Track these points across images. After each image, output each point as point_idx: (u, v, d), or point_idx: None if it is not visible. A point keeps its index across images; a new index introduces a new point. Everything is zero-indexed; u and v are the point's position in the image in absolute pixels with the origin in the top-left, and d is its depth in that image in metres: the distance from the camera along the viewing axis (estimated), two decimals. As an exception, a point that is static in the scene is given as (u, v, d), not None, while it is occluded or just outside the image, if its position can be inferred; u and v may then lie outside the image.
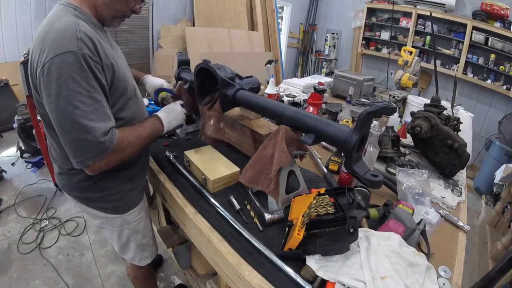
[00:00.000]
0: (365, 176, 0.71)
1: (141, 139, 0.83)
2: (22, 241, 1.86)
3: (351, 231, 0.69)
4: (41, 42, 0.66)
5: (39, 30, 0.70)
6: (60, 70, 0.64)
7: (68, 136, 0.69)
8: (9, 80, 3.08)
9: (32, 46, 0.71)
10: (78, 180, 0.86)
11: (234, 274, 0.73)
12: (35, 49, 0.68)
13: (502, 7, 3.52)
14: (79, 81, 0.65)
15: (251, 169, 0.92)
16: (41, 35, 0.67)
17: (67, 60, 0.64)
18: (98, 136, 0.68)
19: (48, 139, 0.87)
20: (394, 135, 1.32)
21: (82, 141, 0.68)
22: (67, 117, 0.66)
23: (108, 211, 0.94)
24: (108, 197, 0.90)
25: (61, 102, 0.65)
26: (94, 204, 0.92)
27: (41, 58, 0.65)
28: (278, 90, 2.09)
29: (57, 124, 0.69)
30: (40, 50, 0.66)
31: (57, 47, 0.64)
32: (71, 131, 0.67)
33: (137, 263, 1.10)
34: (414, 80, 1.99)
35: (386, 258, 0.66)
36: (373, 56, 5.06)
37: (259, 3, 4.40)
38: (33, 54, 0.69)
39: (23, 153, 2.80)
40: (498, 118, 3.47)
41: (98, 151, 0.70)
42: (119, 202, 0.94)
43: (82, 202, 0.93)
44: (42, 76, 0.65)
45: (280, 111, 0.90)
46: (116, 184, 0.91)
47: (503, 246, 1.95)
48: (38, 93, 0.72)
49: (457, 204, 1.12)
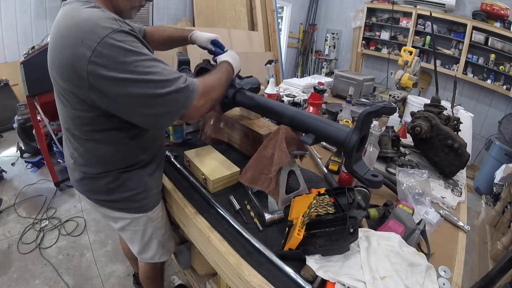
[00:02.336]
0: (365, 176, 0.71)
1: (221, 82, 0.84)
2: (22, 241, 1.86)
3: (351, 231, 0.69)
4: (74, 36, 0.61)
5: (59, 29, 0.65)
6: (114, 49, 0.60)
7: (152, 100, 0.65)
8: (9, 80, 3.08)
9: (54, 47, 0.65)
10: (107, 182, 0.83)
11: (234, 274, 0.73)
12: (67, 46, 0.62)
13: (502, 7, 3.52)
14: (137, 51, 0.62)
15: (251, 169, 0.92)
16: (69, 30, 0.62)
17: (115, 38, 0.60)
18: (180, 83, 0.66)
19: (70, 146, 0.82)
20: (394, 135, 1.32)
21: (167, 95, 0.65)
22: (144, 83, 0.62)
23: (134, 210, 0.92)
24: (136, 196, 0.89)
25: (134, 75, 0.61)
26: (120, 206, 0.90)
27: (84, 49, 0.59)
28: (278, 90, 2.09)
29: (134, 97, 0.63)
30: (77, 44, 0.60)
31: (99, 31, 0.60)
32: (154, 93, 0.64)
33: (157, 260, 1.08)
34: (414, 80, 1.99)
35: (386, 258, 0.66)
36: (373, 56, 5.06)
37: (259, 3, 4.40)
38: (64, 51, 0.62)
39: (23, 153, 2.80)
40: (498, 118, 3.48)
41: (186, 95, 0.68)
42: (145, 200, 0.92)
43: (107, 206, 0.90)
44: (96, 65, 0.60)
45: (280, 111, 0.91)
46: (143, 182, 0.89)
47: (503, 246, 1.95)
48: (78, 89, 0.65)
49: (457, 204, 1.12)
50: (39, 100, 2.05)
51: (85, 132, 0.75)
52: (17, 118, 2.70)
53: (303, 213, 0.75)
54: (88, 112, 0.70)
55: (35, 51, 1.94)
